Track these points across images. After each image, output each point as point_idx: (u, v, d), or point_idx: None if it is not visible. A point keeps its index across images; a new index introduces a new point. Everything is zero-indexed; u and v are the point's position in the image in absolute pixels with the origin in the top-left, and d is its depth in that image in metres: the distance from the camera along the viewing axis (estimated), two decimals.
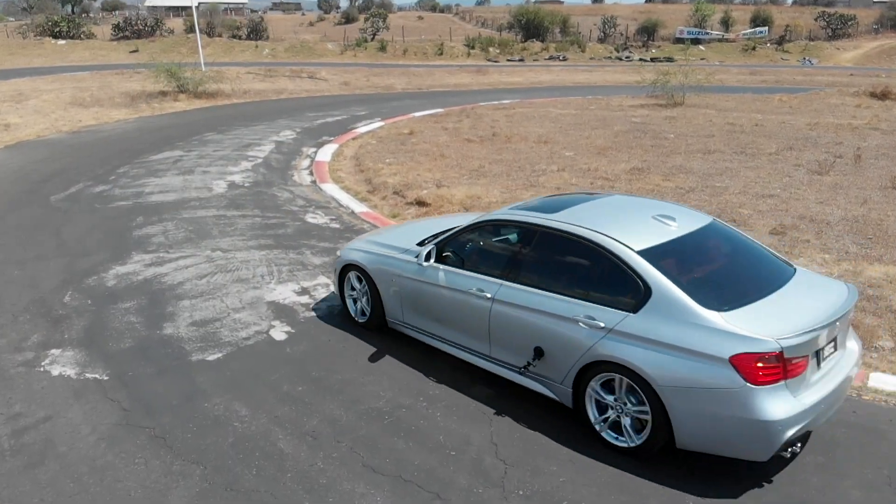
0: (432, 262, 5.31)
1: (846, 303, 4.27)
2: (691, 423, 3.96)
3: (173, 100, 24.89)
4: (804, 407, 3.85)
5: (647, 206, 5.13)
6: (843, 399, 4.40)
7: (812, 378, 4.02)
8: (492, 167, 12.86)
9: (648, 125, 18.30)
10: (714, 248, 4.79)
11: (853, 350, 4.55)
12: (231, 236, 8.80)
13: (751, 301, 4.15)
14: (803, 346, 3.86)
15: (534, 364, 4.62)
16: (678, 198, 10.31)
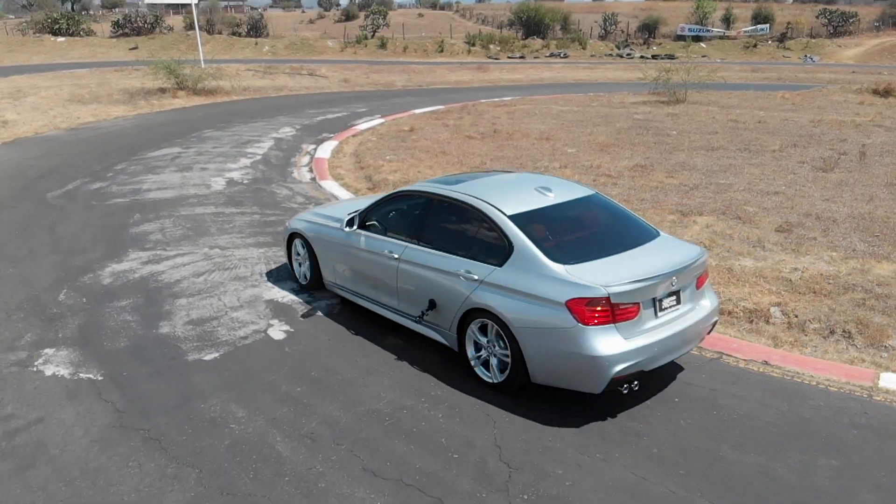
0: (355, 228, 6.10)
1: (684, 262, 4.85)
2: (540, 360, 4.62)
3: (172, 97, 24.75)
4: (633, 347, 4.44)
5: (536, 180, 5.85)
6: (689, 347, 5.01)
7: (647, 324, 4.62)
8: (493, 164, 12.73)
9: (651, 122, 18.17)
10: (582, 215, 5.54)
11: (705, 306, 5.11)
12: (229, 234, 8.68)
13: (597, 258, 4.82)
14: (631, 294, 4.47)
15: (428, 314, 5.33)
16: (682, 195, 10.19)
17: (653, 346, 4.55)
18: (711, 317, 5.14)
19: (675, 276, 4.73)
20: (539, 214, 5.16)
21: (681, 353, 4.95)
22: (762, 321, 6.25)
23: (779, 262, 7.46)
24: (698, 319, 4.95)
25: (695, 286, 5.03)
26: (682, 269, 4.80)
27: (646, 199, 9.89)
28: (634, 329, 4.53)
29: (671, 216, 9.05)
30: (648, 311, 4.62)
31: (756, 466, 4.10)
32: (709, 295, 5.25)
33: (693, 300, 5.02)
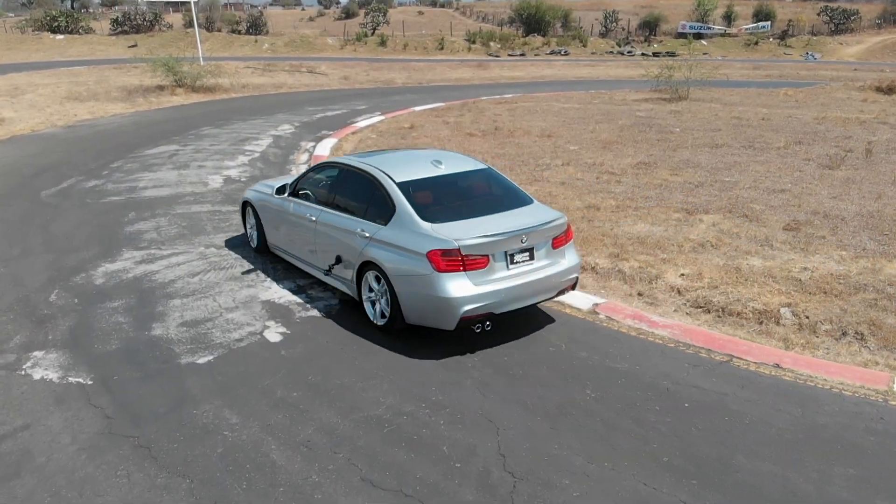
0: (286, 195, 7.01)
1: (534, 224, 5.58)
2: (409, 302, 5.42)
3: (170, 94, 24.56)
4: (482, 292, 5.23)
5: (436, 155, 6.67)
6: (540, 297, 5.71)
7: (497, 274, 5.39)
8: (494, 162, 12.55)
9: (653, 119, 17.98)
10: (465, 185, 6.32)
11: (562, 264, 5.80)
12: (226, 232, 8.50)
13: (462, 218, 5.61)
14: (480, 248, 5.26)
15: (334, 267, 6.21)
16: (687, 192, 10.01)
17: (501, 292, 5.33)
18: (568, 274, 5.84)
19: (524, 235, 5.48)
20: (424, 182, 6.02)
21: (532, 302, 5.69)
22: (772, 322, 6.08)
23: (788, 261, 7.29)
24: (551, 274, 5.67)
25: (550, 246, 5.78)
26: (531, 229, 5.53)
27: (650, 197, 9.71)
28: (484, 277, 5.32)
29: (676, 214, 8.88)
30: (500, 263, 5.43)
31: (771, 476, 3.93)
32: (568, 255, 5.94)
33: (549, 258, 5.76)
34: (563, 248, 5.89)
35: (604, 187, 10.35)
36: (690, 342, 5.65)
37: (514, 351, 5.38)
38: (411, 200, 5.69)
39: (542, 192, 10.06)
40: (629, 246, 7.68)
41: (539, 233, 5.60)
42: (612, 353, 5.37)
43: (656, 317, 6.10)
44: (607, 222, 8.57)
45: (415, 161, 6.50)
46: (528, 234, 5.50)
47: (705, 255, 7.41)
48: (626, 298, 6.56)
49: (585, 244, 7.75)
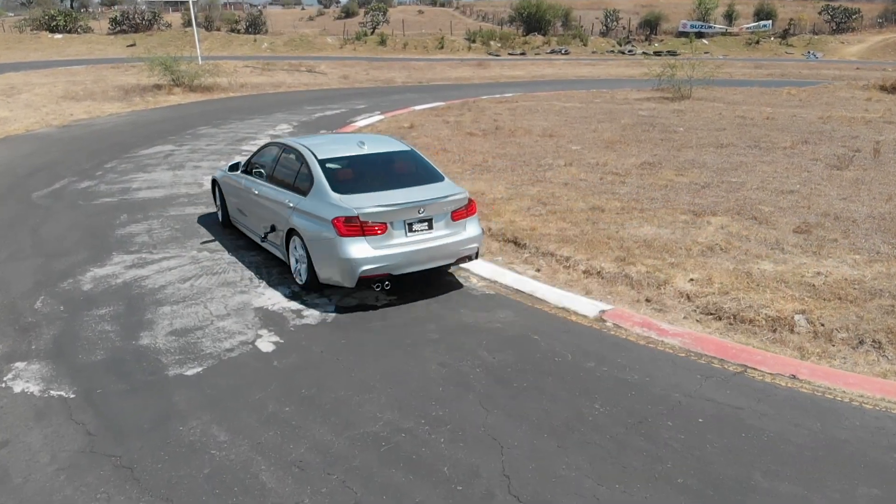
0: (238, 172, 7.89)
1: (432, 197, 6.26)
2: (320, 263, 6.17)
3: (168, 93, 24.33)
4: (379, 255, 5.95)
5: (365, 138, 7.50)
6: (437, 263, 6.36)
7: (395, 240, 6.08)
8: (495, 162, 12.31)
9: (656, 118, 17.73)
10: (384, 163, 7.01)
11: (461, 235, 6.45)
12: (220, 235, 8.26)
13: (369, 191, 6.33)
14: (378, 216, 5.97)
15: (269, 235, 7.03)
16: (693, 194, 9.77)
17: (398, 256, 6.06)
18: (467, 243, 6.50)
19: (422, 207, 6.17)
20: (343, 160, 6.81)
21: (430, 266, 6.36)
22: (786, 330, 5.83)
23: (800, 265, 7.04)
24: (449, 243, 6.36)
25: (450, 217, 6.40)
26: (429, 202, 6.22)
27: (656, 199, 9.46)
28: (383, 242, 6.02)
29: (683, 216, 8.63)
30: (399, 230, 6.12)
31: (792, 497, 3.70)
32: (469, 227, 6.57)
33: (448, 228, 6.40)
34: (464, 220, 6.53)
35: (608, 188, 10.11)
36: (702, 351, 5.41)
37: (517, 361, 5.13)
38: (328, 175, 6.48)
39: (544, 193, 9.82)
40: (636, 249, 7.44)
41: (437, 205, 6.29)
42: (620, 363, 5.13)
43: (666, 324, 5.86)
44: (612, 224, 8.33)
45: (342, 142, 7.41)
46: (425, 206, 6.20)
47: (715, 259, 7.16)
48: (634, 305, 6.32)
49: (590, 248, 7.50)
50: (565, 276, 7.01)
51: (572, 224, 8.37)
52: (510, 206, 9.16)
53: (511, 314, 6.02)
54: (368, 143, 7.15)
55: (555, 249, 7.54)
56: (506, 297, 6.44)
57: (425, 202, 6.21)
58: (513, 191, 10.04)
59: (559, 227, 8.24)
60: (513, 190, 10.10)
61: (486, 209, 9.06)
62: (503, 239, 8.09)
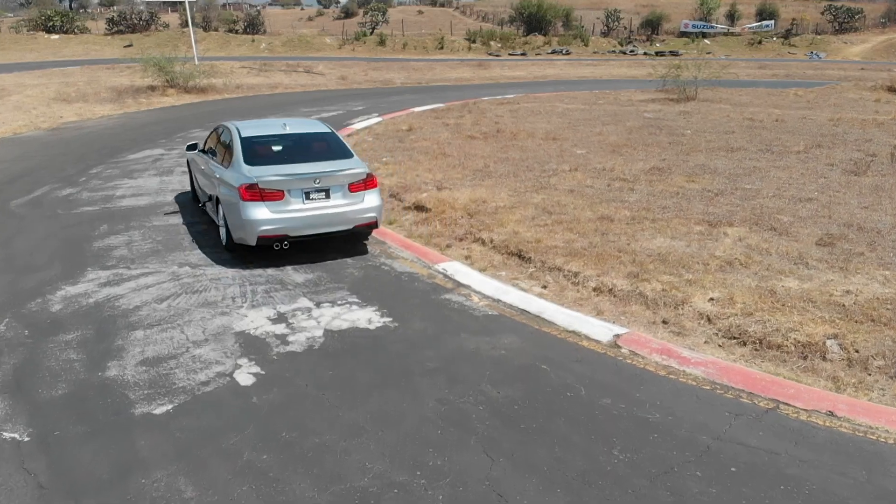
0: (196, 151, 9.04)
1: (327, 170, 7.17)
2: (230, 225, 7.13)
3: (162, 95, 23.84)
4: (277, 217, 6.83)
5: (291, 121, 8.42)
6: (333, 228, 7.19)
7: (293, 206, 6.94)
8: (497, 167, 11.80)
9: (662, 121, 17.22)
10: (300, 142, 7.92)
11: (357, 205, 7.29)
12: (204, 248, 7.74)
13: (275, 164, 7.23)
14: (275, 184, 6.85)
15: (208, 203, 8.22)
16: (707, 202, 9.24)
17: (295, 219, 6.94)
18: (363, 213, 7.32)
19: (317, 179, 7.05)
20: (263, 138, 7.76)
21: (327, 231, 7.17)
22: (817, 357, 5.32)
23: (827, 282, 6.52)
24: (345, 211, 7.19)
25: (347, 189, 7.24)
26: (325, 174, 7.11)
27: (668, 207, 8.94)
28: (281, 207, 6.90)
29: (698, 227, 8.11)
30: (297, 198, 6.99)
31: None
32: (367, 199, 7.38)
33: (345, 199, 7.23)
34: (362, 192, 7.35)
35: (616, 196, 9.59)
36: (728, 383, 4.89)
37: (525, 397, 4.61)
38: (245, 150, 7.40)
39: (549, 201, 9.30)
40: (649, 264, 6.92)
41: (333, 177, 7.15)
42: (639, 398, 4.61)
43: (687, 351, 5.34)
44: (623, 236, 7.81)
45: (269, 125, 8.34)
46: (321, 178, 7.07)
47: (735, 276, 6.64)
48: (650, 327, 5.80)
49: (600, 262, 6.99)
50: (574, 294, 6.49)
51: (580, 235, 7.86)
52: (513, 216, 8.65)
53: (517, 339, 5.50)
54: (290, 125, 8.12)
55: (562, 264, 7.02)
56: (510, 319, 5.92)
57: (321, 174, 7.11)
58: (516, 198, 9.52)
59: (566, 239, 7.72)
60: (516, 197, 9.58)
61: (488, 219, 8.55)
62: (506, 252, 7.57)
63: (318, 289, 6.51)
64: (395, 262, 7.36)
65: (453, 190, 9.99)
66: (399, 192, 10.12)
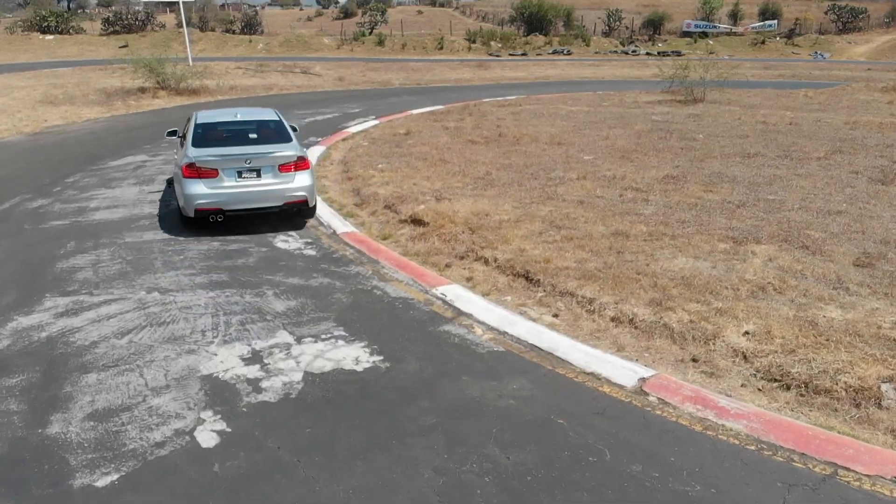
0: (174, 137, 9.86)
1: (258, 153, 8.10)
2: (178, 199, 8.19)
3: (152, 97, 23.11)
4: (211, 192, 7.83)
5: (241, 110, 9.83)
6: (264, 204, 8.07)
7: (227, 183, 7.90)
8: (500, 174, 11.07)
9: (672, 124, 16.49)
10: (245, 127, 8.81)
11: (287, 184, 8.13)
12: (177, 269, 7.01)
13: (218, 146, 8.21)
14: (209, 163, 7.83)
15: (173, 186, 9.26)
16: (728, 215, 8.52)
17: (227, 195, 7.82)
18: (292, 191, 8.12)
19: (248, 160, 7.91)
20: (215, 124, 8.78)
21: (258, 206, 8.05)
22: (872, 405, 4.60)
23: (872, 311, 5.80)
24: (275, 189, 8.03)
25: (277, 170, 8.05)
26: (255, 155, 7.99)
27: (687, 221, 8.21)
28: (216, 184, 7.80)
29: (722, 244, 7.38)
30: (231, 176, 7.87)
31: None
32: (298, 179, 8.19)
33: (276, 178, 8.06)
34: (292, 173, 8.12)
35: (630, 207, 8.86)
36: (775, 442, 4.17)
37: (539, 464, 3.88)
38: (196, 134, 8.44)
39: (557, 213, 8.58)
40: (672, 289, 6.20)
41: (264, 159, 8.01)
42: (675, 464, 3.88)
43: (724, 400, 4.61)
44: (640, 255, 7.09)
45: (226, 113, 9.46)
46: (252, 159, 7.94)
47: (769, 303, 5.92)
48: (679, 366, 5.08)
49: (618, 286, 6.26)
50: (590, 325, 5.77)
51: (593, 254, 7.13)
52: (519, 230, 7.92)
53: (527, 383, 4.77)
54: (242, 114, 9.32)
55: (575, 288, 6.29)
56: (519, 357, 5.20)
57: (253, 155, 7.99)
58: (521, 210, 8.80)
59: (578, 258, 7.00)
60: (521, 209, 8.86)
61: (491, 234, 7.82)
62: (512, 272, 6.84)
63: (301, 319, 5.78)
64: (388, 285, 6.63)
65: (453, 201, 9.27)
66: (395, 204, 9.40)
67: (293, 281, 6.63)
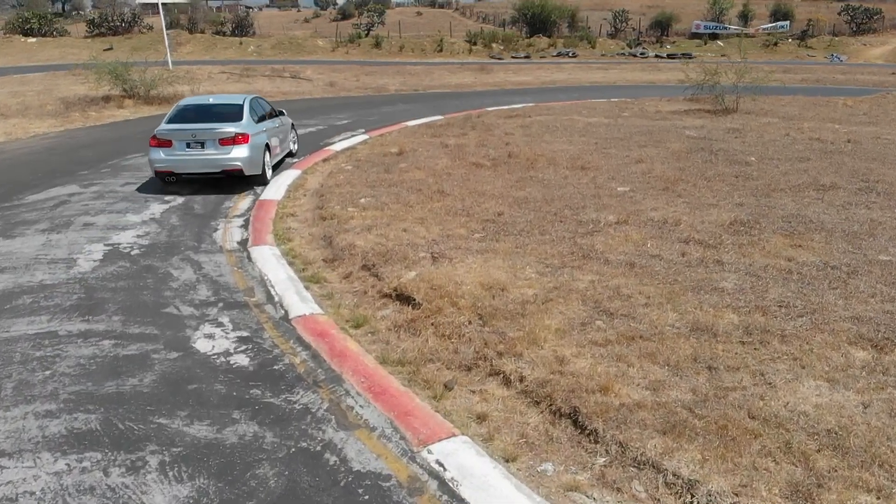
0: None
1: (204, 129, 10.13)
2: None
3: (117, 106, 20.68)
4: (167, 158, 10.04)
5: (217, 96, 12.86)
6: (207, 170, 10.25)
7: (178, 152, 10.06)
8: (515, 214, 8.62)
9: (712, 141, 14.03)
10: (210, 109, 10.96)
11: (225, 155, 10.11)
12: (32, 399, 4.52)
13: (182, 123, 10.35)
14: (166, 135, 10.04)
15: None
16: (841, 289, 6.02)
17: (177, 161, 10.08)
18: (230, 161, 10.12)
19: (194, 134, 10.04)
20: (191, 106, 11.14)
21: (201, 171, 10.29)
22: None
23: None
24: (213, 159, 10.12)
25: (218, 143, 10.09)
26: (200, 130, 10.09)
27: (793, 306, 5.67)
28: (170, 152, 10.07)
29: (858, 352, 4.90)
30: (181, 147, 10.07)
31: None
32: (234, 152, 10.14)
33: (216, 149, 10.12)
34: (231, 146, 10.11)
35: (702, 277, 6.38)
36: None
37: None
38: (173, 113, 10.86)
39: (602, 287, 6.09)
40: (818, 456, 3.73)
41: (207, 133, 10.06)
42: None
43: None
44: (745, 374, 4.61)
45: (203, 98, 12.07)
46: (197, 134, 10.05)
47: None
48: None
49: (729, 450, 3.79)
50: None
51: (672, 371, 4.67)
52: (551, 319, 5.45)
53: None
54: (215, 98, 11.87)
55: (658, 454, 3.82)
56: None
57: (197, 130, 10.08)
58: (550, 280, 6.33)
59: (651, 382, 4.53)
60: (549, 278, 6.39)
61: (511, 325, 5.37)
62: (550, 408, 4.36)
63: None
64: (350, 437, 4.13)
65: (455, 262, 6.81)
66: (376, 264, 6.93)
67: (198, 431, 4.13)
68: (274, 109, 12.35)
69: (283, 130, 12.45)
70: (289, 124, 13.27)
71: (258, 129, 10.75)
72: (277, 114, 12.40)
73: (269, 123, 11.53)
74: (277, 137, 11.91)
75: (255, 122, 10.81)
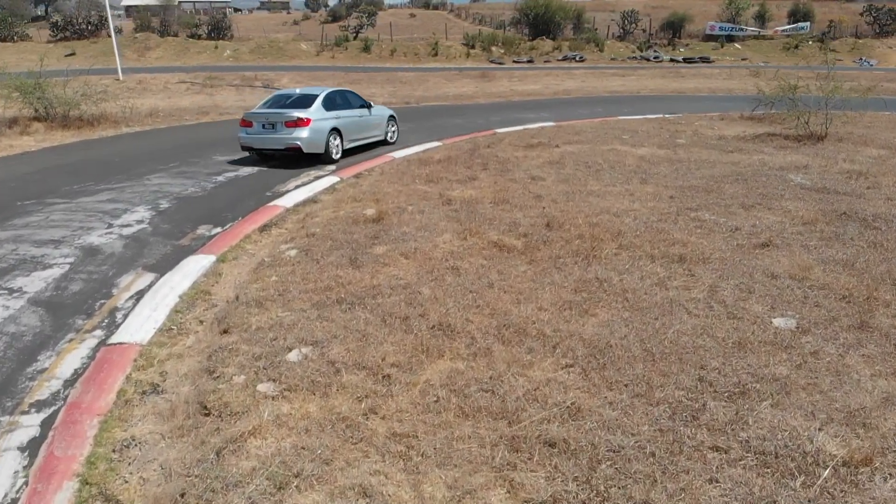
0: None
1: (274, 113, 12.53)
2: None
3: (21, 133, 15.96)
4: (247, 136, 12.72)
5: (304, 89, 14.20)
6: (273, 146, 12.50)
7: (257, 132, 12.57)
8: (597, 407, 4.01)
9: (841, 196, 9.46)
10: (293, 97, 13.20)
11: (290, 135, 12.22)
12: None
13: (267, 108, 13.07)
14: (248, 118, 12.80)
15: None
16: None
17: (255, 139, 12.51)
18: (292, 140, 12.18)
19: (266, 118, 12.39)
20: (282, 94, 13.66)
21: (270, 147, 12.49)
22: None
23: None
24: (280, 138, 12.26)
25: (283, 125, 12.23)
26: (271, 114, 12.39)
27: None
28: (251, 131, 12.54)
29: None
30: (259, 127, 12.47)
31: None
32: (296, 133, 12.20)
33: (283, 132, 12.26)
34: (294, 128, 12.17)
35: None
36: None
37: None
38: (266, 100, 13.57)
39: None
40: None
41: (276, 117, 12.26)
42: None
43: None
44: None
45: (292, 90, 13.92)
46: (269, 117, 12.35)
47: None
48: None
49: None
50: None
51: None
52: None
53: None
54: (301, 90, 13.69)
55: None
56: None
57: (270, 114, 12.39)
58: None
59: None
60: None
61: None
62: None
63: None
64: None
65: None
66: None
67: None
68: (364, 102, 14.42)
69: (364, 121, 14.16)
70: (381, 116, 14.97)
71: (325, 115, 12.72)
72: (367, 106, 14.39)
73: (346, 112, 13.50)
74: (355, 126, 13.74)
75: (326, 111, 12.79)
